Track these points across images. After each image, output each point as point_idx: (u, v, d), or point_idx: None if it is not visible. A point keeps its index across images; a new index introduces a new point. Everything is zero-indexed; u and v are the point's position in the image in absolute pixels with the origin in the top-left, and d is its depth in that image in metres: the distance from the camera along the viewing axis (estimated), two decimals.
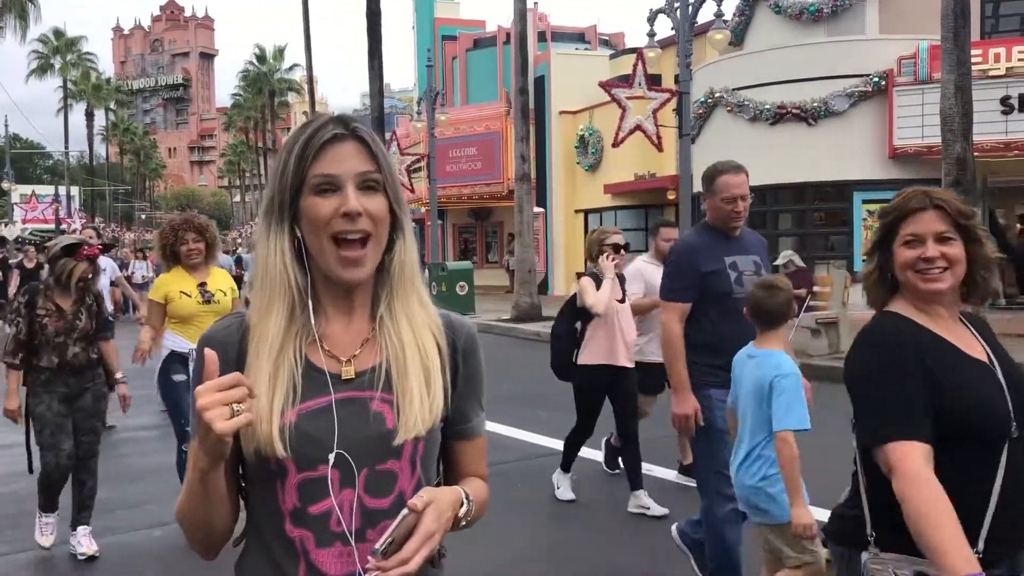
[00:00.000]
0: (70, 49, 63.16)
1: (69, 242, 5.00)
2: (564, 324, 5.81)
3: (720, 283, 3.91)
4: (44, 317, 4.84)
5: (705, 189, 4.10)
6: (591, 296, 5.49)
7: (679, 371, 3.94)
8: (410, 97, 48.50)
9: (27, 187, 54.54)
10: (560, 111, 25.40)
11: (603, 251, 5.70)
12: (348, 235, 1.33)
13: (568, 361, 5.72)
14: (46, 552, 5.10)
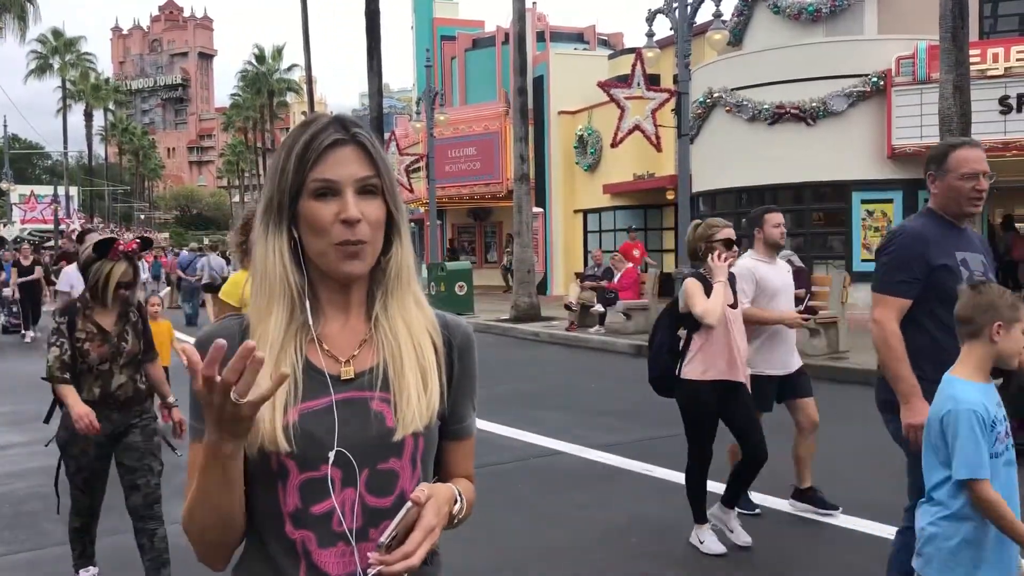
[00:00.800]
0: (69, 49, 63.12)
1: (100, 239, 4.16)
2: (665, 333, 5.03)
3: (950, 281, 3.31)
4: (84, 341, 4.09)
5: (934, 169, 3.55)
6: (700, 303, 4.71)
7: (905, 376, 3.37)
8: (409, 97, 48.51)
9: (26, 187, 54.56)
10: (559, 111, 25.40)
11: (712, 248, 4.89)
12: (348, 242, 1.34)
13: (671, 375, 4.93)
14: (46, 552, 5.10)
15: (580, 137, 24.81)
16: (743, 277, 5.24)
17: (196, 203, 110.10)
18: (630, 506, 5.73)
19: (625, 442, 7.43)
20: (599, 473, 6.57)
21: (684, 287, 4.85)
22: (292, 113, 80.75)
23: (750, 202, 18.10)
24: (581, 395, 10.02)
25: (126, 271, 4.09)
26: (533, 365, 12.77)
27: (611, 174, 23.33)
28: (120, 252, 4.06)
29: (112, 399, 4.12)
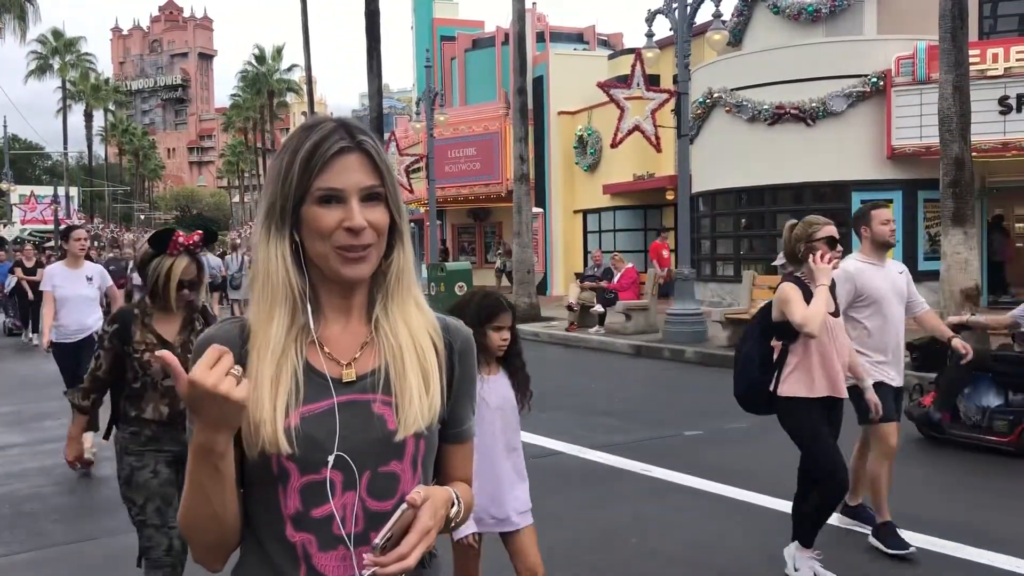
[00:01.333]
0: (69, 50, 63.16)
1: (156, 232, 3.66)
2: (755, 344, 4.46)
3: None
4: (144, 352, 3.53)
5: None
6: (799, 310, 4.14)
7: None
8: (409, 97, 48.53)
9: (26, 188, 54.55)
10: (559, 111, 25.41)
11: (813, 248, 4.37)
12: (351, 247, 1.35)
13: (761, 390, 4.40)
14: (46, 552, 5.10)
15: (580, 137, 24.82)
16: (841, 280, 4.74)
17: (196, 203, 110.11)
18: (630, 506, 5.74)
19: (625, 442, 7.44)
20: (599, 473, 6.57)
21: (780, 292, 4.29)
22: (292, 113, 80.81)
23: (750, 202, 18.11)
24: (581, 395, 10.03)
25: (188, 267, 3.53)
26: (533, 365, 12.67)
27: (611, 174, 23.33)
28: (180, 246, 3.54)
29: (182, 417, 3.28)
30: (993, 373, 6.99)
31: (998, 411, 6.84)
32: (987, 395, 6.98)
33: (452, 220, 31.25)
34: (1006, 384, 6.95)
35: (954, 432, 7.06)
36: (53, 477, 6.74)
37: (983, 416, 6.90)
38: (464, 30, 30.76)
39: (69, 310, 7.15)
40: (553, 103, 25.53)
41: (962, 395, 7.09)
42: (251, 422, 1.32)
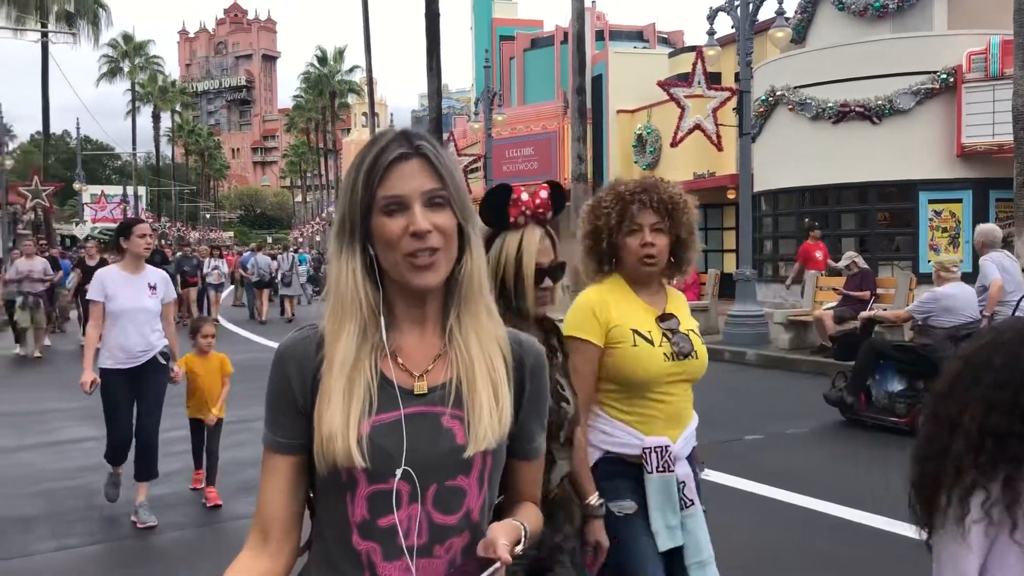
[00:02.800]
0: (138, 53, 64.82)
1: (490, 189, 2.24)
2: None
3: None
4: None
5: None
6: None
7: None
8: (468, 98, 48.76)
9: (97, 187, 56.24)
10: (618, 110, 25.30)
11: None
12: (419, 254, 1.36)
13: None
14: (118, 544, 5.25)
15: (639, 136, 24.66)
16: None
17: (260, 203, 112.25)
18: None
19: None
20: None
21: None
22: (353, 114, 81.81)
23: (813, 202, 17.80)
24: None
25: (544, 245, 2.22)
26: None
27: (670, 173, 23.05)
28: (526, 214, 2.19)
29: None
30: (896, 362, 7.78)
31: (899, 395, 7.69)
32: (891, 381, 7.79)
33: None
34: (906, 372, 7.73)
35: (865, 414, 7.90)
36: (125, 471, 6.92)
37: (889, 400, 7.76)
38: (523, 30, 30.81)
39: (127, 327, 5.51)
40: (612, 102, 25.42)
41: (873, 381, 7.90)
42: (323, 435, 1.34)
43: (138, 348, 5.57)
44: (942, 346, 7.33)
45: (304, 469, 1.42)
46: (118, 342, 5.51)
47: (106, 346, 5.53)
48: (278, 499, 1.41)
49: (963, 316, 7.50)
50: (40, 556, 5.09)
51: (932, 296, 7.71)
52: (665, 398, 2.63)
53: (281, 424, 1.41)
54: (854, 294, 11.22)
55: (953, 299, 7.57)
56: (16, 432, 8.54)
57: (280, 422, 1.41)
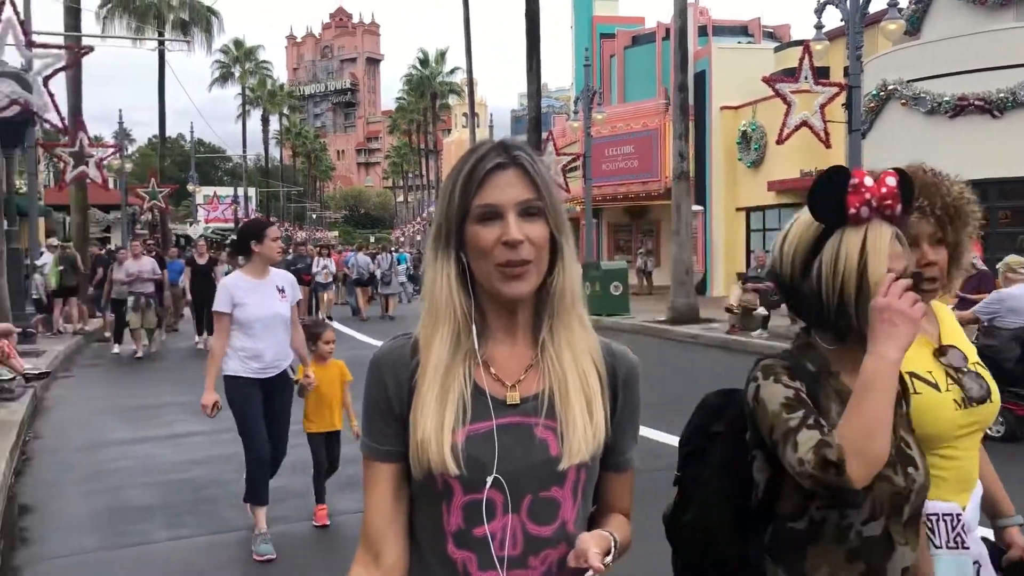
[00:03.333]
0: (248, 58, 67.15)
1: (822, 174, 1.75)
2: None
3: None
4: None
5: None
6: None
7: None
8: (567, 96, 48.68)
9: (209, 188, 58.59)
10: (721, 106, 24.81)
11: None
12: (510, 264, 1.35)
13: None
14: (223, 536, 5.41)
15: (743, 133, 24.14)
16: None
17: (363, 203, 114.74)
18: None
19: None
20: None
21: None
22: (454, 115, 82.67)
23: None
24: None
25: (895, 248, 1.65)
26: (691, 369, 12.53)
27: (776, 170, 22.56)
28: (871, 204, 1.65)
29: None
30: None
31: None
32: None
33: (608, 219, 31.10)
34: None
35: None
36: (232, 464, 7.13)
37: None
38: (624, 27, 30.57)
39: (259, 335, 5.11)
40: (715, 98, 24.95)
41: None
42: (417, 440, 1.36)
43: (272, 357, 5.16)
44: (1007, 347, 7.30)
45: (405, 477, 1.43)
46: (251, 352, 5.09)
47: (236, 356, 5.09)
48: (382, 507, 1.43)
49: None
50: (155, 545, 5.31)
51: (998, 297, 7.62)
52: (955, 454, 1.99)
53: (380, 431, 1.43)
54: (972, 296, 10.71)
55: (1018, 300, 7.47)
56: (133, 425, 8.94)
57: (378, 429, 1.43)
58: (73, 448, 7.98)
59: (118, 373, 12.95)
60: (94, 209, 28.22)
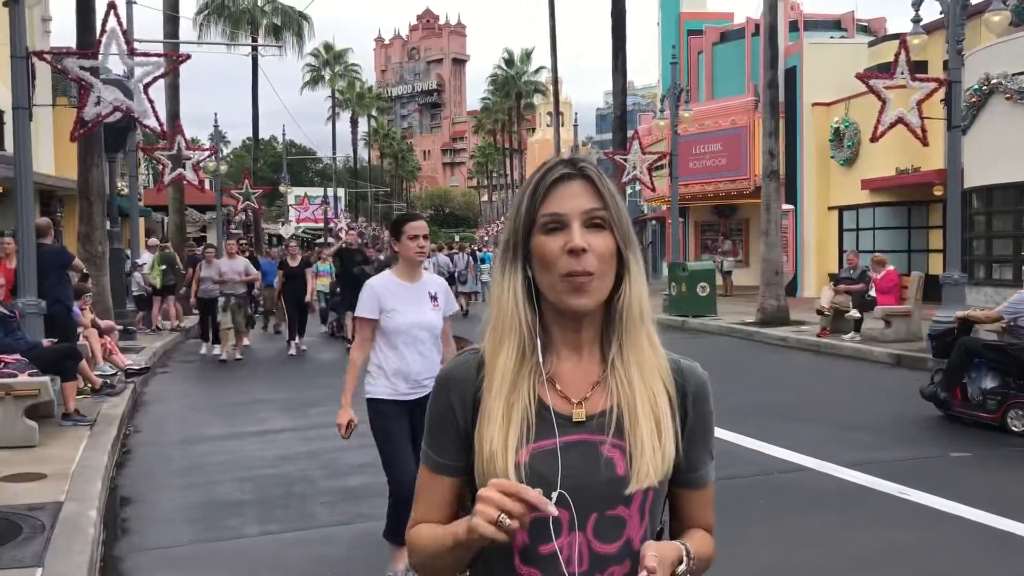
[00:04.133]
0: (338, 61, 68.61)
1: None
2: None
3: None
4: None
5: None
6: None
7: None
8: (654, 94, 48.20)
9: (300, 189, 59.96)
10: (813, 103, 24.18)
11: None
12: (574, 274, 1.35)
13: None
14: (311, 532, 5.53)
15: (836, 130, 23.48)
16: None
17: (449, 203, 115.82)
18: (885, 532, 5.32)
19: (879, 461, 6.92)
20: (848, 493, 6.15)
21: None
22: (538, 114, 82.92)
23: None
24: (831, 407, 9.47)
25: None
26: (779, 372, 12.25)
27: (870, 168, 21.87)
28: None
29: None
30: (987, 360, 8.09)
31: (990, 393, 7.94)
32: (985, 379, 8.07)
33: (695, 217, 30.67)
34: (996, 369, 8.02)
35: (959, 410, 8.22)
36: (319, 461, 7.31)
37: (982, 396, 8.03)
38: (712, 23, 30.10)
39: (408, 348, 4.40)
40: (807, 94, 24.34)
41: (969, 379, 8.19)
42: (483, 456, 1.37)
43: (421, 375, 4.40)
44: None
45: (457, 492, 1.45)
46: (396, 368, 4.40)
47: (380, 374, 4.43)
48: (430, 518, 1.45)
49: None
50: (246, 540, 5.45)
51: (1020, 298, 8.07)
52: None
53: (442, 446, 1.44)
54: None
55: None
56: (226, 421, 9.21)
57: (441, 444, 1.45)
58: (170, 442, 8.27)
59: (212, 370, 13.35)
60: (191, 209, 29.19)
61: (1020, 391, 7.78)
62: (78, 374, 8.45)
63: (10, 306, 8.47)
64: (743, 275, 26.72)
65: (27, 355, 7.88)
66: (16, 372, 7.60)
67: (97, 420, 8.15)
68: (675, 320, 18.23)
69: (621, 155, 21.88)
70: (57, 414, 8.04)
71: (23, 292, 8.91)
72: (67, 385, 8.10)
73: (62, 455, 6.82)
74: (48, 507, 5.40)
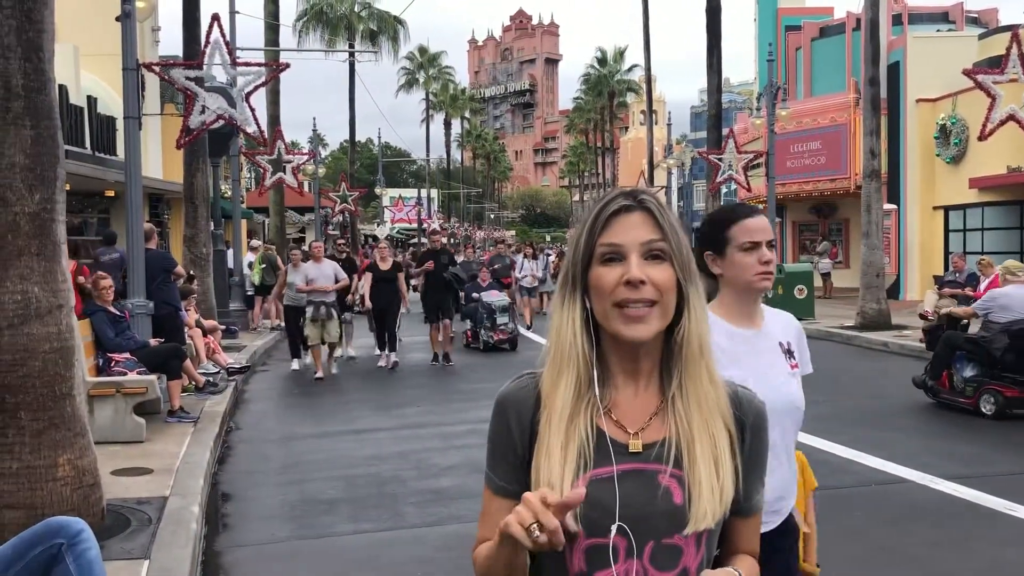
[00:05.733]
0: (432, 64, 69.50)
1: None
2: None
3: None
4: None
5: None
6: None
7: None
8: (750, 91, 47.29)
9: (395, 191, 61.02)
10: (917, 99, 23.32)
11: None
12: (631, 303, 1.36)
13: None
14: (402, 532, 5.63)
15: (942, 127, 22.59)
16: None
17: (540, 202, 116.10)
18: (989, 551, 5.10)
19: (986, 475, 6.64)
20: (953, 508, 5.92)
21: None
22: (631, 113, 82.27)
23: None
24: (935, 417, 9.11)
25: None
26: (880, 379, 11.86)
27: (979, 166, 20.95)
28: None
29: None
30: (966, 352, 8.97)
31: (969, 380, 8.87)
32: (965, 369, 8.97)
33: (793, 217, 29.93)
34: (973, 360, 8.88)
35: (944, 396, 9.17)
36: (411, 462, 7.43)
37: (963, 384, 8.92)
38: (811, 18, 29.36)
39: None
40: (910, 90, 23.49)
41: (955, 368, 9.06)
42: (540, 484, 1.38)
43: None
44: (997, 338, 8.68)
45: None
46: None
47: None
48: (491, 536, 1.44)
49: (1017, 314, 8.68)
50: (339, 537, 5.59)
51: (992, 295, 9.08)
52: None
53: (501, 468, 1.47)
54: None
55: (1009, 298, 8.80)
56: (321, 420, 9.44)
57: (500, 465, 1.47)
58: (268, 440, 8.53)
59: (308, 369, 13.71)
60: (290, 211, 30.07)
61: (992, 379, 8.72)
62: (183, 373, 8.80)
63: (121, 306, 8.88)
64: (842, 277, 25.96)
65: (136, 354, 8.27)
66: (126, 370, 7.99)
67: (200, 417, 8.48)
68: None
69: (716, 154, 21.54)
70: (163, 411, 8.40)
71: (132, 294, 9.33)
72: (173, 383, 8.46)
73: (167, 451, 7.13)
74: (154, 501, 5.65)
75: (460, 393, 10.90)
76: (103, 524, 4.97)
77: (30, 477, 4.76)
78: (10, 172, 4.73)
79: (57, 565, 2.89)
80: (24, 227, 4.77)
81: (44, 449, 4.80)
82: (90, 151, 17.35)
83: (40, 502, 4.75)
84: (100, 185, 16.93)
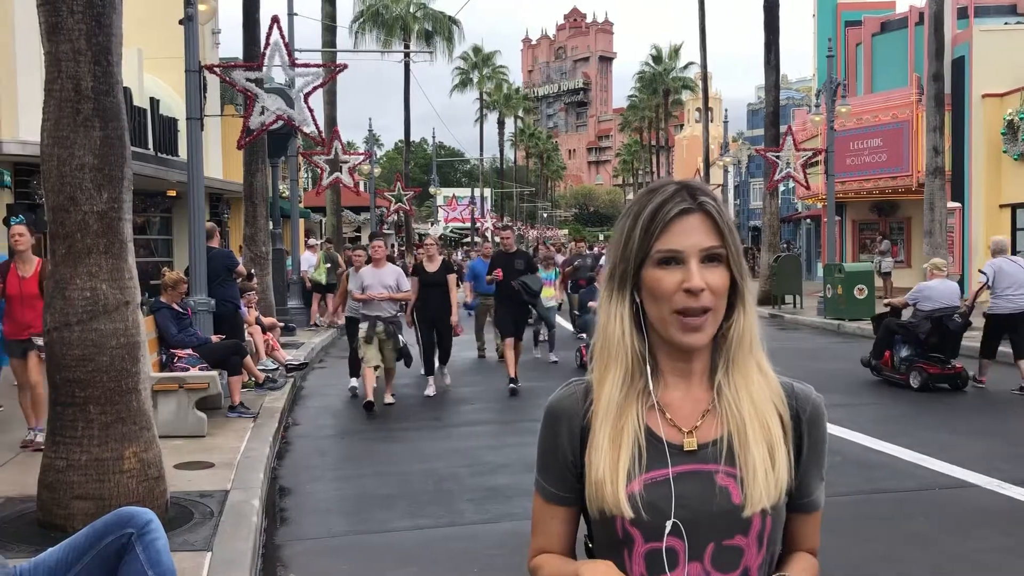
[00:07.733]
0: (486, 64, 69.73)
1: None
2: None
3: None
4: None
5: None
6: None
7: None
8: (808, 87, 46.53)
9: (449, 190, 61.35)
10: (983, 94, 22.69)
11: None
12: (689, 312, 1.34)
13: None
14: (459, 529, 5.65)
15: (1010, 122, 21.95)
16: None
17: (593, 201, 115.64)
18: None
19: None
20: (1017, 513, 5.74)
21: None
22: (686, 110, 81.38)
23: None
24: (1002, 419, 8.87)
25: None
26: None
27: None
28: None
29: None
30: (901, 335, 10.51)
31: (903, 360, 10.42)
32: (901, 350, 10.50)
33: (852, 215, 29.38)
34: (906, 342, 10.42)
35: (886, 373, 10.68)
36: (467, 459, 7.46)
37: (900, 363, 10.46)
38: (872, 13, 28.77)
39: None
40: (976, 85, 22.86)
41: (894, 349, 10.59)
42: (592, 481, 1.38)
43: None
44: (922, 324, 10.23)
45: (573, 521, 1.48)
46: None
47: None
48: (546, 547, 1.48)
49: (939, 303, 10.21)
50: (396, 533, 5.62)
51: (918, 287, 10.58)
52: None
53: (552, 475, 1.47)
54: None
55: (932, 290, 10.34)
56: (377, 416, 9.50)
57: (550, 473, 1.47)
58: (326, 435, 8.64)
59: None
60: (346, 211, 30.43)
61: (919, 358, 10.21)
62: (243, 369, 8.95)
63: (184, 304, 9.07)
64: (904, 276, 25.37)
65: (198, 350, 8.44)
66: (188, 366, 8.15)
67: (260, 413, 8.62)
68: (830, 324, 17.52)
69: (773, 152, 21.26)
70: (224, 406, 8.56)
71: (195, 291, 9.53)
72: (233, 379, 8.61)
73: (228, 445, 7.26)
74: (216, 495, 5.76)
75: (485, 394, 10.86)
76: (167, 516, 5.08)
77: (98, 469, 4.89)
78: (80, 173, 4.86)
79: (127, 554, 2.97)
80: (93, 226, 4.90)
81: (111, 442, 4.93)
82: (152, 152, 17.76)
83: (108, 493, 4.88)
84: (162, 185, 17.33)
